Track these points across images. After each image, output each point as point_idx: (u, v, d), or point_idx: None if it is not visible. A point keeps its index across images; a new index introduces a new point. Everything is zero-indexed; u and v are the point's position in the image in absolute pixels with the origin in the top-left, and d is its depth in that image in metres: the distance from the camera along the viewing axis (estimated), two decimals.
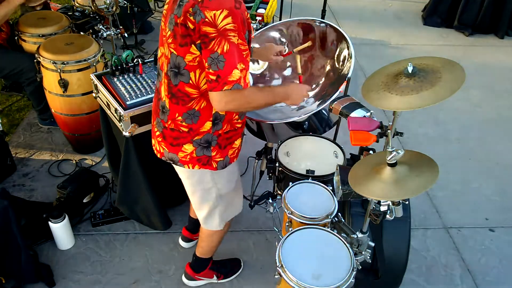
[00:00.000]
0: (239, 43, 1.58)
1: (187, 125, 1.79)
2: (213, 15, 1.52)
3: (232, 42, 1.56)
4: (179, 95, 1.74)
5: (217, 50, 1.55)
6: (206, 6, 1.53)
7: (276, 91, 1.87)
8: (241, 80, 1.59)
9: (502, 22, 5.13)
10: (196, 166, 1.87)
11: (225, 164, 1.91)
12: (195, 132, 1.81)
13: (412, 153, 1.57)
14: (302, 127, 2.29)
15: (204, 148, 1.84)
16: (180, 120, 1.79)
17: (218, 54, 1.56)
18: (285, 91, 1.88)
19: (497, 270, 2.62)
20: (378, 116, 1.90)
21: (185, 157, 1.86)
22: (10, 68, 3.06)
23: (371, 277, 2.17)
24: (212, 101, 1.66)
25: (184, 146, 1.84)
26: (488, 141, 3.63)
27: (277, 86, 1.83)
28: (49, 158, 3.22)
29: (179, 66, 1.67)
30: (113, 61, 2.45)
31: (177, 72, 1.69)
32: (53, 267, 2.48)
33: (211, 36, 1.55)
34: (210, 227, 2.14)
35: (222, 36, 1.54)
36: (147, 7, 4.68)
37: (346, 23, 5.35)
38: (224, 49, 1.55)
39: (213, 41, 1.55)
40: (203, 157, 1.86)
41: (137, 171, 2.41)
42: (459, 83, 1.41)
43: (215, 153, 1.86)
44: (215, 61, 1.56)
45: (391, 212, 1.65)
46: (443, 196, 3.10)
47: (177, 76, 1.70)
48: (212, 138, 1.83)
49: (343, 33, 2.40)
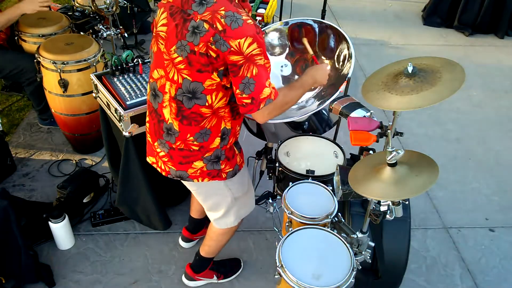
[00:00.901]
0: (265, 62, 1.63)
1: (198, 144, 1.80)
2: (238, 44, 1.55)
3: (259, 65, 1.61)
4: (192, 116, 1.74)
5: (247, 75, 1.60)
6: (229, 36, 1.54)
7: (302, 82, 1.90)
8: (272, 94, 1.66)
9: (502, 22, 5.12)
10: (206, 179, 1.89)
11: (235, 172, 1.95)
12: (206, 149, 1.82)
13: (412, 153, 1.57)
14: (302, 127, 2.29)
15: (214, 163, 1.86)
16: (192, 140, 1.79)
17: (248, 78, 1.60)
18: (309, 78, 1.91)
19: (497, 270, 2.62)
20: (378, 116, 1.90)
21: (195, 172, 1.87)
22: (10, 68, 3.06)
23: (371, 277, 2.17)
24: (256, 119, 1.75)
25: (194, 163, 1.85)
26: (488, 141, 3.63)
27: (301, 77, 1.89)
28: (49, 158, 3.22)
29: (195, 91, 1.67)
30: (113, 61, 2.45)
31: (191, 96, 1.69)
32: (53, 267, 2.48)
33: (239, 64, 1.58)
34: (225, 226, 2.14)
35: (250, 61, 1.58)
36: (147, 7, 4.68)
37: (346, 23, 5.35)
38: (254, 73, 1.60)
39: (242, 68, 1.59)
40: (213, 171, 1.88)
41: (137, 171, 2.41)
42: (459, 83, 1.40)
43: (224, 165, 1.89)
44: (247, 85, 1.61)
45: (391, 212, 1.65)
46: (443, 196, 3.10)
47: (191, 100, 1.70)
48: (221, 153, 1.86)
49: (343, 33, 2.40)
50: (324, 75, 1.96)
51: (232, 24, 1.54)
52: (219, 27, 1.54)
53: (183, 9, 1.62)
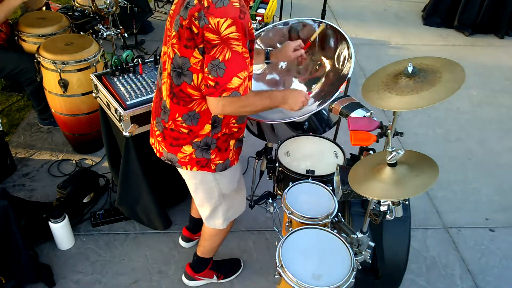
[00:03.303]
0: (243, 51, 1.59)
1: (187, 126, 1.80)
2: (216, 23, 1.53)
3: (235, 50, 1.57)
4: (181, 95, 1.74)
5: (219, 57, 1.57)
6: (211, 12, 1.53)
7: (273, 96, 1.85)
8: (240, 87, 1.61)
9: (502, 22, 5.13)
10: (195, 168, 1.88)
11: (225, 166, 1.93)
12: (195, 134, 1.81)
13: (412, 153, 1.57)
14: (302, 127, 2.29)
15: (203, 151, 1.85)
16: (180, 121, 1.79)
17: (219, 61, 1.57)
18: (282, 95, 1.86)
19: (497, 270, 2.62)
20: (378, 116, 1.90)
21: (184, 158, 1.86)
22: (10, 68, 3.06)
23: (371, 277, 2.17)
24: (209, 105, 1.69)
25: (184, 147, 1.85)
26: (488, 141, 3.63)
27: (276, 90, 1.83)
28: (49, 158, 3.22)
29: (183, 67, 1.67)
30: (113, 61, 2.45)
31: (180, 72, 1.69)
32: (53, 267, 2.48)
33: (214, 43, 1.56)
34: (214, 226, 2.14)
35: (225, 44, 1.55)
36: (147, 7, 4.68)
37: (346, 23, 5.35)
38: (226, 57, 1.56)
39: (215, 48, 1.56)
40: (202, 160, 1.86)
41: (137, 171, 2.42)
42: (459, 83, 1.40)
43: (214, 155, 1.87)
44: (215, 68, 1.58)
45: (391, 212, 1.65)
46: (443, 196, 3.10)
47: (180, 77, 1.70)
48: (211, 141, 1.84)
49: (343, 33, 2.39)
50: (296, 101, 1.87)
51: (218, 3, 1.53)
52: (205, 3, 1.55)
53: None
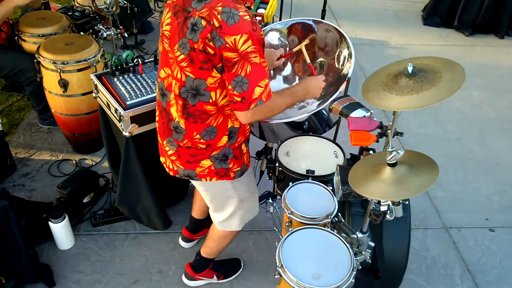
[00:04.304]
0: (261, 61, 1.61)
1: (205, 142, 1.80)
2: (233, 40, 1.54)
3: (254, 62, 1.59)
4: (197, 114, 1.74)
5: (241, 74, 1.59)
6: (225, 32, 1.54)
7: (295, 91, 1.91)
8: (263, 95, 1.65)
9: (502, 22, 5.12)
10: (214, 178, 1.89)
11: (242, 172, 1.96)
12: (213, 148, 1.82)
13: (412, 153, 1.57)
14: (302, 127, 2.29)
15: (221, 162, 1.86)
16: (198, 138, 1.80)
17: (242, 77, 1.59)
18: (303, 88, 1.93)
19: (497, 270, 2.62)
20: (378, 116, 1.90)
21: (203, 171, 1.87)
22: (10, 68, 3.06)
23: (371, 277, 2.17)
24: (239, 118, 1.73)
25: (202, 162, 1.85)
26: (488, 141, 3.63)
27: (295, 85, 1.91)
28: (49, 158, 3.22)
29: (199, 88, 1.67)
30: (113, 61, 2.45)
31: (195, 93, 1.69)
32: (53, 267, 2.48)
33: (234, 61, 1.57)
34: (229, 228, 2.14)
35: (244, 59, 1.57)
36: (147, 7, 4.68)
37: (346, 23, 5.35)
38: (247, 71, 1.59)
39: (236, 65, 1.58)
40: (221, 170, 1.88)
41: (137, 171, 2.41)
42: (459, 83, 1.40)
43: (232, 164, 1.89)
44: (239, 84, 1.60)
45: (391, 212, 1.65)
46: (443, 196, 3.09)
47: (195, 97, 1.70)
48: (229, 152, 1.86)
49: (343, 33, 2.39)
50: (317, 88, 1.96)
51: (229, 21, 1.54)
52: (215, 23, 1.54)
53: (184, 7, 1.63)
